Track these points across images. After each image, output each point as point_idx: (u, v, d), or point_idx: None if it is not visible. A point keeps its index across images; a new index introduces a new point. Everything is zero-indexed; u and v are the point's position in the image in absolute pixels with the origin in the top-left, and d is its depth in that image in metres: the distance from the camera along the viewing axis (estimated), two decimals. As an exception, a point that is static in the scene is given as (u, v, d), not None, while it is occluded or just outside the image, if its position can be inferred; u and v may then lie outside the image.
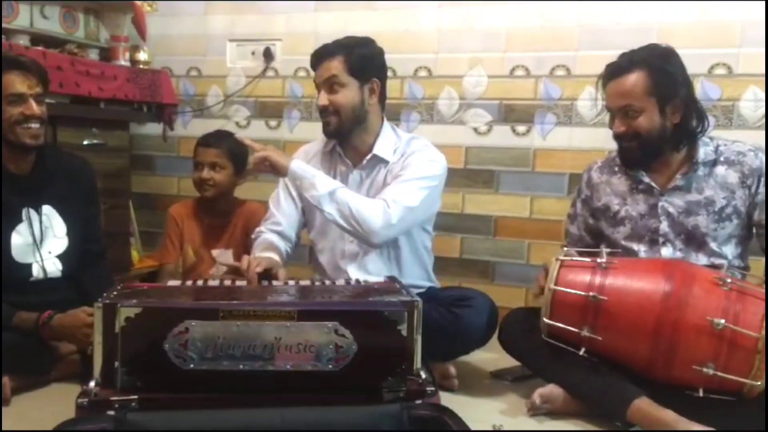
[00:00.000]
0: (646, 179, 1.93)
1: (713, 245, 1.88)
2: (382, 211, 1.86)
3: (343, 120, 1.99)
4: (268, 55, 2.98)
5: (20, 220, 1.95)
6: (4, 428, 1.61)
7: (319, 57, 2.00)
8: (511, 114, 2.67)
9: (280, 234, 2.09)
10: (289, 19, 2.94)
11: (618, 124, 1.90)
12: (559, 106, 2.60)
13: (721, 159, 1.89)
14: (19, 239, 1.94)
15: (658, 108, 1.84)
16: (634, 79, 1.84)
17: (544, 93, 2.62)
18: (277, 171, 1.91)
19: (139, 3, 2.82)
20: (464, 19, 2.68)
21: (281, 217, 2.10)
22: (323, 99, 1.98)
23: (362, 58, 1.99)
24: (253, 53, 3.02)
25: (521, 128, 2.66)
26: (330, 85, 1.97)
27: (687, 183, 1.90)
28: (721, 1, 2.36)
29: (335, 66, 1.97)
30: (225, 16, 3.03)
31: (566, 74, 2.58)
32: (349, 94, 1.98)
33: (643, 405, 1.67)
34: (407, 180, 1.95)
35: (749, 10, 2.32)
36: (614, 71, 1.88)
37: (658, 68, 1.83)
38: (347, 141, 2.06)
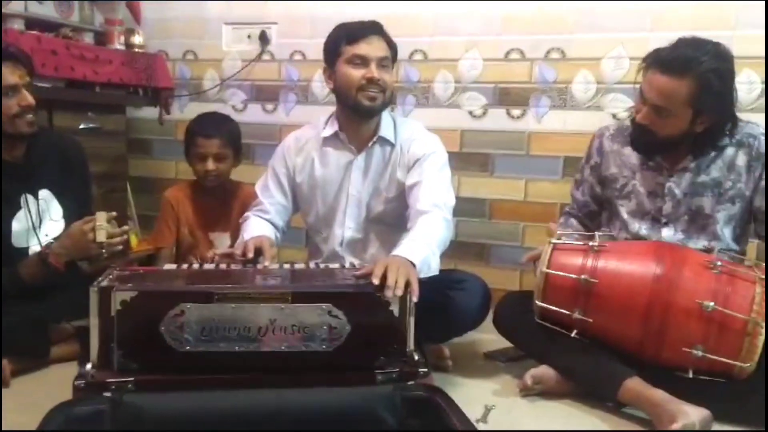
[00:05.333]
0: (657, 158, 1.93)
1: (715, 228, 1.89)
2: (445, 224, 1.85)
3: (386, 99, 1.97)
4: (263, 38, 2.98)
5: (19, 207, 1.97)
6: (4, 408, 1.63)
7: (373, 30, 1.95)
8: (506, 97, 2.67)
9: (268, 222, 2.08)
10: (284, 2, 2.92)
11: (644, 114, 1.83)
12: (553, 90, 2.61)
13: (733, 141, 1.87)
14: (18, 226, 1.96)
15: (690, 118, 1.79)
16: (683, 86, 1.74)
17: (539, 76, 2.61)
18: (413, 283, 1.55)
19: (133, -14, 2.82)
20: (459, 2, 2.67)
21: (269, 205, 2.09)
22: (378, 73, 1.92)
23: (394, 46, 2.00)
24: (249, 37, 3.02)
25: (516, 111, 2.66)
26: (381, 63, 1.93)
27: (697, 164, 1.88)
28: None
29: (385, 47, 1.96)
30: (220, -1, 3.03)
31: (561, 57, 2.58)
32: (391, 76, 1.99)
33: (634, 385, 1.69)
34: (433, 176, 1.94)
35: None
36: (666, 66, 1.76)
37: (709, 84, 1.73)
38: (355, 126, 2.03)
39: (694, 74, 1.73)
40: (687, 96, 1.75)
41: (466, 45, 2.69)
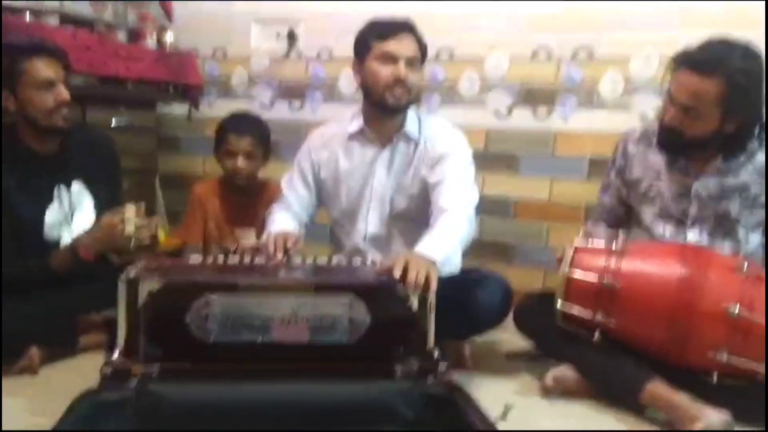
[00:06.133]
0: (683, 161, 1.90)
1: (741, 232, 1.86)
2: (467, 221, 1.87)
3: (411, 98, 1.98)
4: (291, 36, 3.01)
5: (52, 200, 2.02)
6: (32, 395, 1.68)
7: (405, 28, 1.96)
8: (532, 97, 2.66)
9: (292, 216, 2.11)
10: (312, 0, 2.94)
11: (672, 115, 1.81)
12: (580, 89, 2.59)
13: (763, 146, 1.84)
14: (50, 217, 2.01)
15: (719, 118, 1.77)
16: (713, 85, 1.72)
17: (566, 76, 2.60)
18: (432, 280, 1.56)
19: (165, -16, 2.87)
20: (486, 1, 2.67)
21: (294, 199, 2.13)
22: (405, 72, 1.92)
23: (425, 45, 2.01)
24: (277, 35, 3.05)
25: (542, 111, 2.65)
26: (410, 62, 1.94)
27: (725, 167, 1.86)
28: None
29: (415, 46, 1.96)
30: (250, -3, 3.07)
31: (588, 57, 2.56)
32: (419, 76, 2.01)
33: (657, 388, 1.68)
34: (456, 174, 1.95)
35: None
36: (696, 65, 1.74)
37: (739, 84, 1.71)
38: (380, 121, 2.04)
39: (724, 74, 1.71)
40: (716, 96, 1.73)
41: (492, 44, 2.69)
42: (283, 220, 2.07)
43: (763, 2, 2.31)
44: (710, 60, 1.73)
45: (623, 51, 2.51)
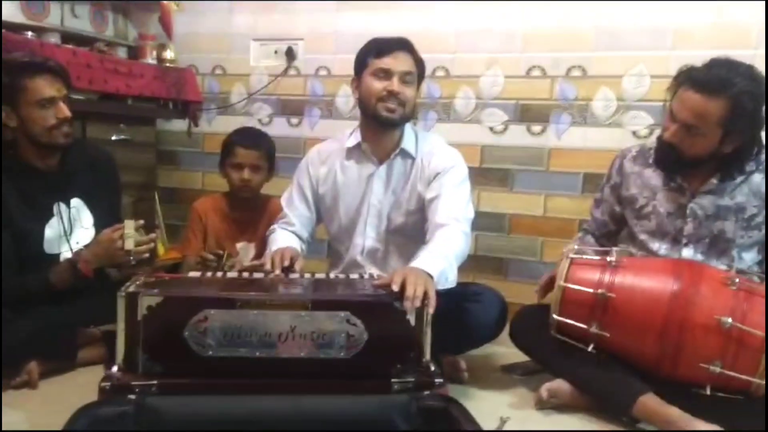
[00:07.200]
0: (679, 179, 1.92)
1: (735, 252, 1.88)
2: (463, 237, 1.89)
3: (406, 113, 2.01)
4: (290, 54, 3.04)
5: (52, 215, 2.04)
6: (32, 409, 1.69)
7: (401, 46, 2.00)
8: (527, 114, 2.69)
9: (293, 233, 2.13)
10: (311, 18, 2.99)
11: (672, 132, 1.83)
12: (574, 107, 2.62)
13: (760, 167, 1.86)
14: (50, 233, 2.02)
15: (719, 138, 1.79)
16: (717, 106, 1.74)
17: (560, 93, 2.64)
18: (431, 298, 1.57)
19: (166, 2, 2.90)
20: (482, 19, 2.71)
21: (294, 217, 2.15)
22: (399, 86, 1.96)
23: (422, 63, 2.05)
24: (275, 52, 3.08)
25: (536, 128, 2.69)
26: (404, 78, 1.98)
27: (721, 187, 1.88)
28: (737, 2, 2.37)
29: (410, 62, 2.00)
30: (249, 15, 3.10)
31: (582, 75, 2.60)
32: (414, 92, 2.03)
33: (650, 401, 1.70)
34: (452, 190, 1.98)
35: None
36: (700, 85, 1.76)
37: (742, 106, 1.73)
38: (377, 137, 2.07)
39: (728, 95, 1.73)
40: (719, 116, 1.75)
41: (488, 62, 2.72)
42: (285, 238, 2.09)
43: (754, 23, 2.35)
44: (716, 80, 1.75)
45: (616, 70, 2.55)
